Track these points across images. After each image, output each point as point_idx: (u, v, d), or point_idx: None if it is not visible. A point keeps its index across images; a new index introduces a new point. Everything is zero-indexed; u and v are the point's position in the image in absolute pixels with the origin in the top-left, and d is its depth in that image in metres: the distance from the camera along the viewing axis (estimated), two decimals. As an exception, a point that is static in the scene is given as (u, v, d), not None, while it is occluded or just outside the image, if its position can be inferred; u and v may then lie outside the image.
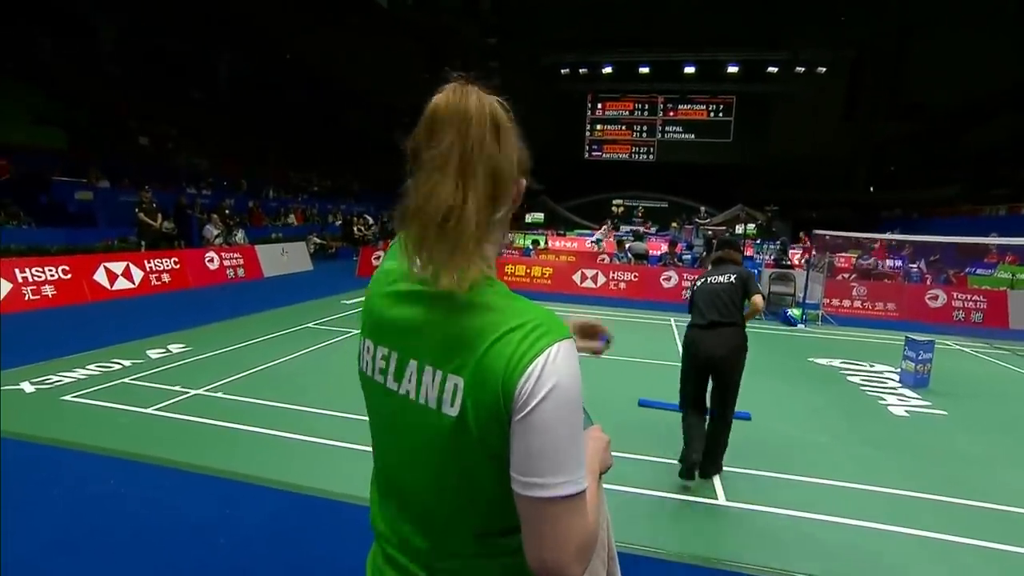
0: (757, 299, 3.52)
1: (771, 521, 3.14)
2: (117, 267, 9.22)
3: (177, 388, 4.80)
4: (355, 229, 18.15)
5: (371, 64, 28.83)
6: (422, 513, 0.83)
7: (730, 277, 3.61)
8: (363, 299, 0.92)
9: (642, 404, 4.98)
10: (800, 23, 28.05)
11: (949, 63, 25.61)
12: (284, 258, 13.20)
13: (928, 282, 12.27)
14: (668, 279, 11.84)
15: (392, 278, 0.84)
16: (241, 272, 11.77)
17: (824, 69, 29.98)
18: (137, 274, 9.50)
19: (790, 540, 2.96)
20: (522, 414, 0.70)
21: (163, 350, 5.99)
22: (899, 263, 15.14)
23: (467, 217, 0.71)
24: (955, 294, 10.42)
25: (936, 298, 10.44)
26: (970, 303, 10.29)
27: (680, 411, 3.70)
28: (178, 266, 10.35)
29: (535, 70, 32.70)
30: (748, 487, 3.51)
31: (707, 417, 3.61)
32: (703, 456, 3.44)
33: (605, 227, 21.66)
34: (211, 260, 11.15)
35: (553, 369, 0.70)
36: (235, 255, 11.87)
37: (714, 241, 14.31)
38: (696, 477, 3.43)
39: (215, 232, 12.54)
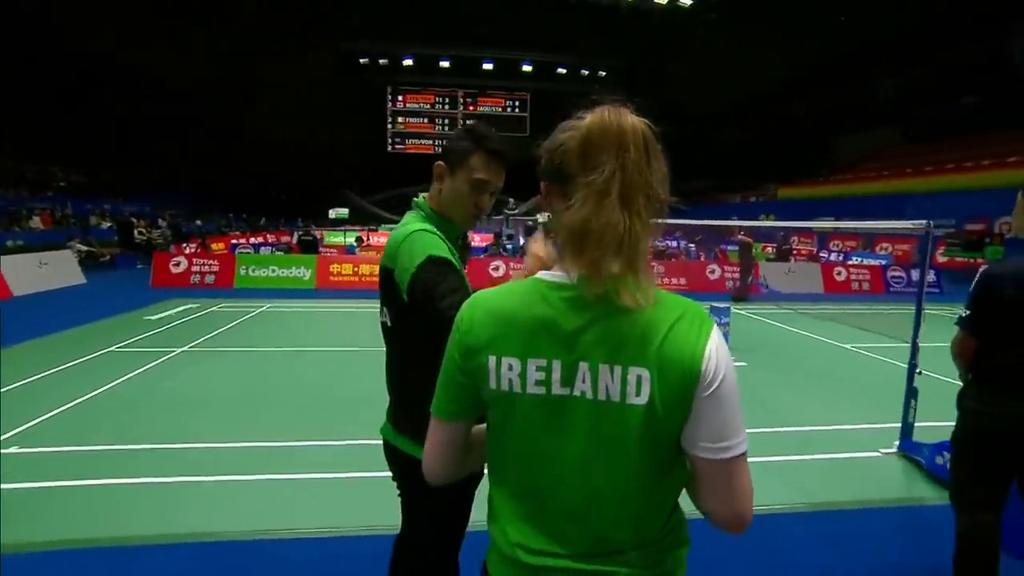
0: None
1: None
2: None
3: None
4: (136, 232, 15.26)
5: (124, 29, 24.09)
6: (610, 514, 0.84)
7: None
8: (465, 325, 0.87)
9: None
10: (582, 32, 31.24)
11: (699, 78, 31.02)
12: (42, 270, 10.56)
13: (702, 258, 14.89)
14: (496, 269, 12.16)
15: (529, 295, 0.85)
16: (-32, 292, 9.07)
17: (604, 73, 33.95)
18: None
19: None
20: (710, 391, 0.79)
21: None
22: (674, 243, 18.34)
23: (635, 242, 0.78)
24: (725, 268, 12.80)
25: (713, 272, 12.72)
26: (735, 274, 12.68)
27: None
28: None
29: (333, 57, 31.02)
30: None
31: None
32: None
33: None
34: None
35: (722, 350, 0.81)
36: (-46, 271, 9.09)
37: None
38: None
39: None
